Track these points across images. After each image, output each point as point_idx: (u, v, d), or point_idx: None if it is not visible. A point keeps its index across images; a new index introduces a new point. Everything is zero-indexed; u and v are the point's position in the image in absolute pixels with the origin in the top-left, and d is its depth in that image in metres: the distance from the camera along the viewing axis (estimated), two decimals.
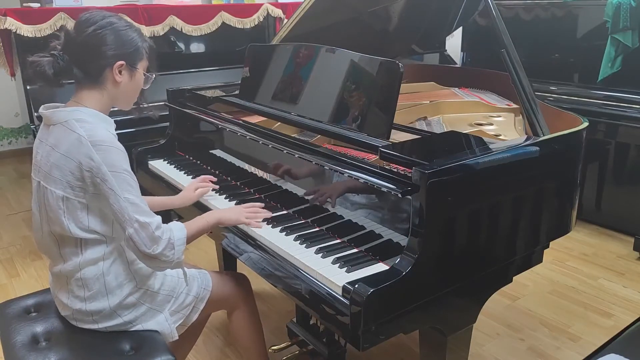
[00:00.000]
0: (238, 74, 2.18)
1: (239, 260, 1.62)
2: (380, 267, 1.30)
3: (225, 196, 1.81)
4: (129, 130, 2.66)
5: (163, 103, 2.33)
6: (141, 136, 2.76)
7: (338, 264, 1.32)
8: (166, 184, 2.04)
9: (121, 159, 1.34)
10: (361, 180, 1.37)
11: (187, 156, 2.24)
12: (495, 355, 2.18)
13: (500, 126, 1.89)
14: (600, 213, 3.27)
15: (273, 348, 1.94)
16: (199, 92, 2.25)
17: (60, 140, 1.34)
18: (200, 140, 2.23)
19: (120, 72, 1.40)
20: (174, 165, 2.14)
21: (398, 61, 1.52)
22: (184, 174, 2.04)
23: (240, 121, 1.90)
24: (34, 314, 1.57)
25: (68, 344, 1.44)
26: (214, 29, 3.45)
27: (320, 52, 1.77)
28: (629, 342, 1.11)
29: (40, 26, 2.87)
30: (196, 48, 3.59)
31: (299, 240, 1.46)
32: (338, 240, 1.46)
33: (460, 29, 3.79)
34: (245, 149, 1.91)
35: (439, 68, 3.34)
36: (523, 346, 2.24)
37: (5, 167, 4.82)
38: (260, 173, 1.82)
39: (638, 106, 2.90)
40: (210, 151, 2.11)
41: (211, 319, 2.02)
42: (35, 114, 2.84)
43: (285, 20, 3.21)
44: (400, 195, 1.25)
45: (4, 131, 5.03)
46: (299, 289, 1.34)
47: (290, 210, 1.65)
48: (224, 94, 2.22)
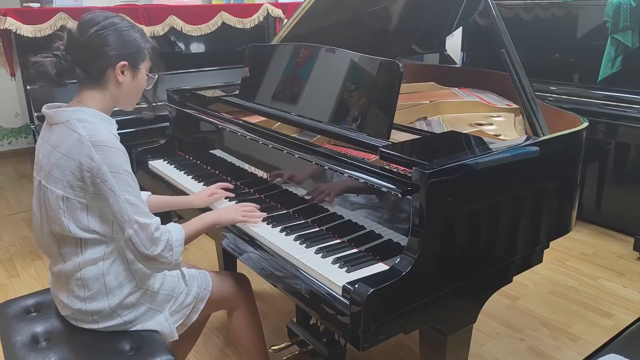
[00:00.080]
0: (238, 74, 2.18)
1: (239, 260, 1.62)
2: (380, 267, 1.30)
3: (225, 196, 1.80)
4: (129, 130, 2.66)
5: (163, 103, 2.33)
6: (141, 136, 2.76)
7: (338, 264, 1.32)
8: (166, 184, 2.04)
9: (122, 159, 1.34)
10: (361, 180, 1.37)
11: (187, 156, 2.24)
12: (495, 355, 2.18)
13: (500, 126, 1.89)
14: (600, 213, 3.27)
15: (273, 348, 1.94)
16: (199, 92, 2.25)
17: (62, 140, 1.35)
18: (200, 140, 2.23)
19: (122, 73, 1.41)
20: (174, 166, 2.14)
21: (398, 61, 1.52)
22: (184, 174, 2.04)
23: (240, 121, 1.90)
24: (34, 314, 1.57)
25: (68, 344, 1.44)
26: (214, 29, 3.45)
27: (320, 52, 1.77)
28: (629, 342, 1.11)
29: (40, 26, 2.86)
30: (196, 48, 3.59)
31: (299, 240, 1.46)
32: (338, 240, 1.46)
33: (460, 29, 3.79)
34: (245, 149, 1.91)
35: (439, 68, 3.34)
36: (523, 346, 2.24)
37: (5, 167, 4.81)
38: (260, 173, 1.82)
39: (638, 106, 2.90)
40: (210, 151, 2.11)
41: (211, 319, 2.02)
42: (36, 114, 2.85)
43: (285, 20, 3.21)
44: (400, 195, 1.25)
45: (4, 131, 5.03)
46: (299, 289, 1.34)
47: (290, 210, 1.65)
48: (224, 94, 2.22)
